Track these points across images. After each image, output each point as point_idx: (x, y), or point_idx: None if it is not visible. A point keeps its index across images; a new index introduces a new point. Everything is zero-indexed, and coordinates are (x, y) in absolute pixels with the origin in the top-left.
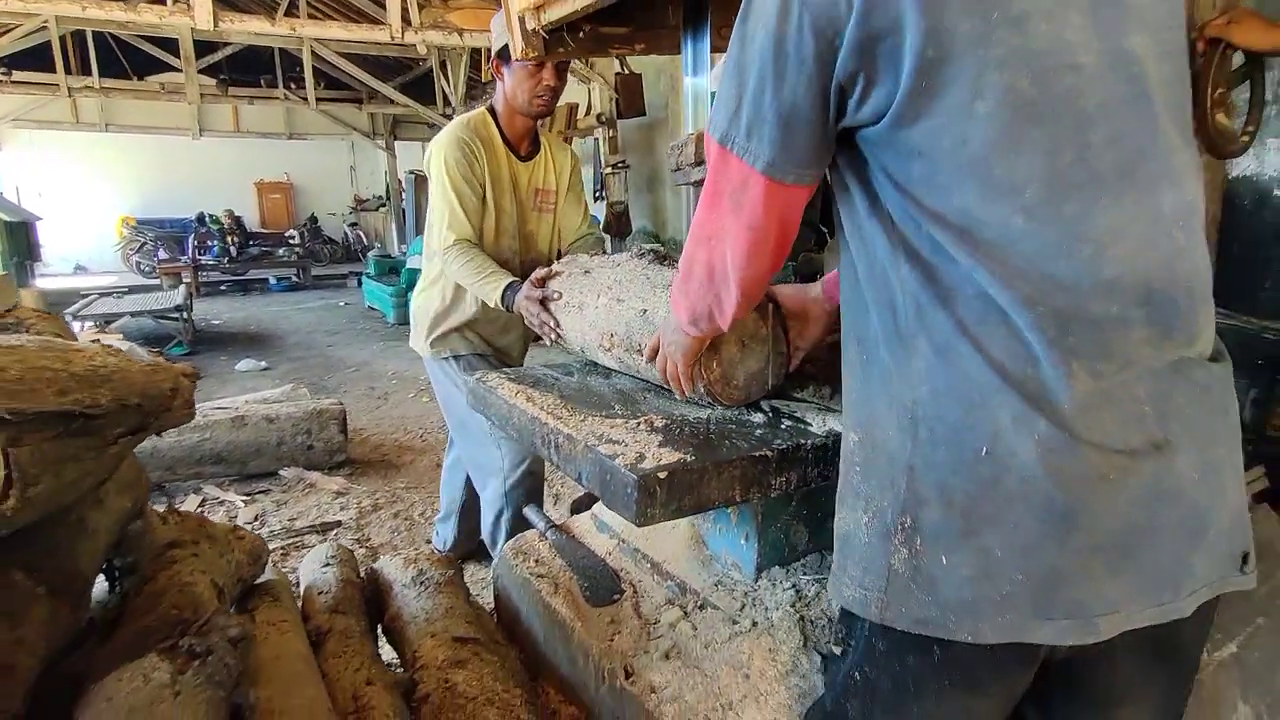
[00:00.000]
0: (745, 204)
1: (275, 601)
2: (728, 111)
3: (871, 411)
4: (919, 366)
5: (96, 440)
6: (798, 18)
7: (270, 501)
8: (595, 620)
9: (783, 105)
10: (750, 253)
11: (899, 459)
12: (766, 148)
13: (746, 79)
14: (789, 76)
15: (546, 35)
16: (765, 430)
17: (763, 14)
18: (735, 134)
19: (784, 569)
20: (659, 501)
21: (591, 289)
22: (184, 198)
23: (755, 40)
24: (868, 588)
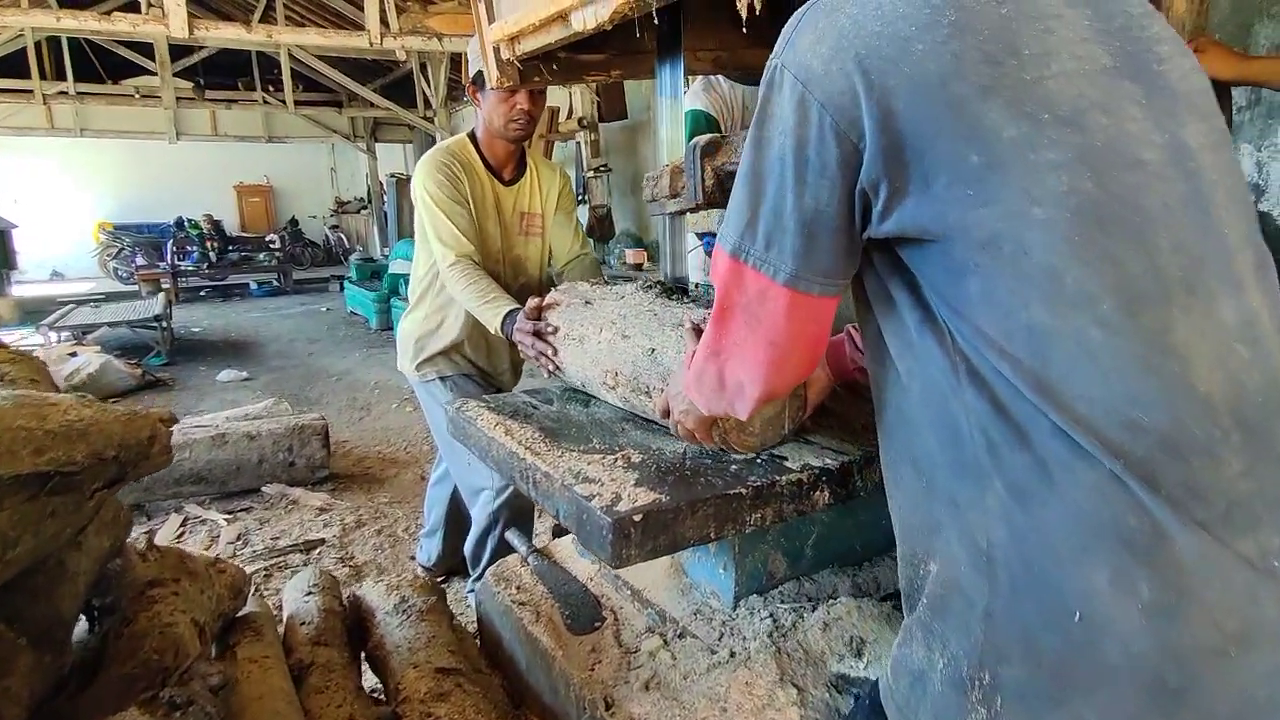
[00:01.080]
0: (764, 317)
1: (257, 636)
2: (740, 222)
3: (939, 541)
4: (993, 505)
5: (75, 496)
6: (817, 121)
7: (253, 520)
8: (576, 649)
9: (804, 212)
10: (771, 368)
11: (976, 602)
12: (789, 259)
13: (763, 187)
14: (810, 181)
15: (521, 65)
16: (740, 466)
17: (779, 118)
18: (750, 246)
19: (761, 597)
20: (634, 543)
21: (593, 322)
22: (162, 202)
23: (772, 145)
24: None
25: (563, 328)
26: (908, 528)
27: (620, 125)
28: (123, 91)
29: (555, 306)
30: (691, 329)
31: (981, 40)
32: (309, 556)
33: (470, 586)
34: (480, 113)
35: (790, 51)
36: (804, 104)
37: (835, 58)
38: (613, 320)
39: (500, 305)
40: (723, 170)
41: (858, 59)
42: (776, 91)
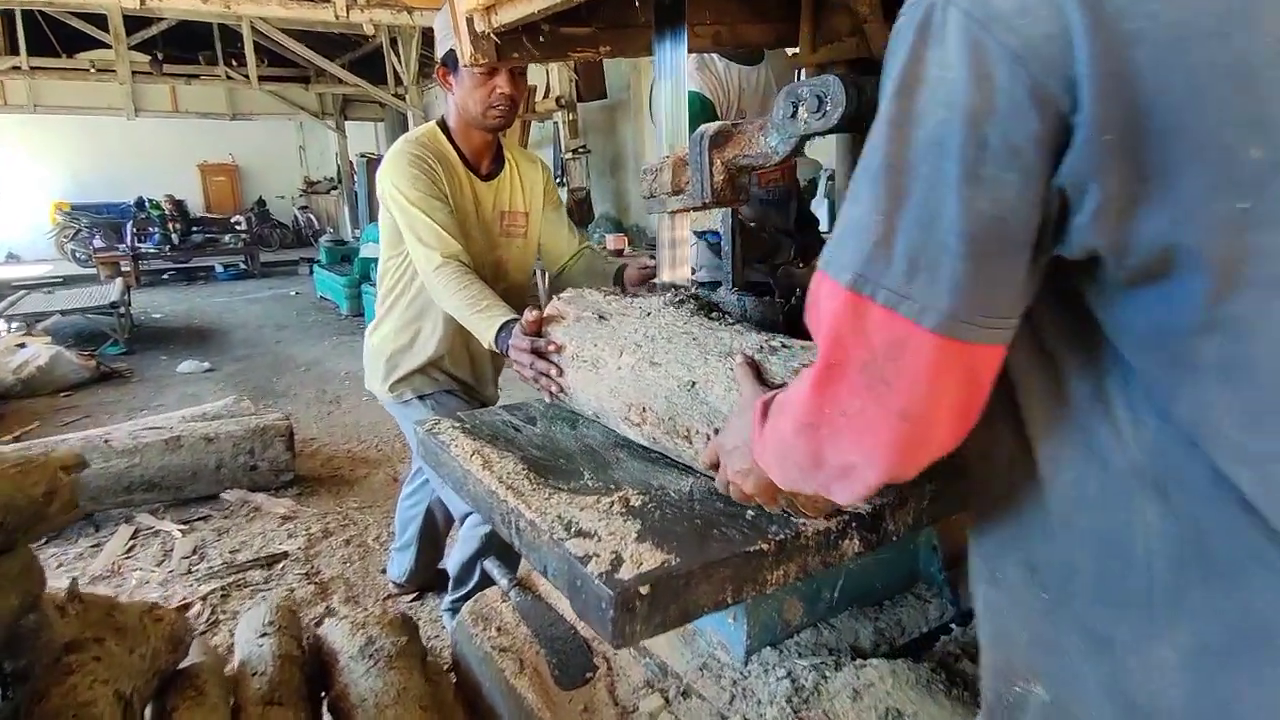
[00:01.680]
0: (900, 378)
1: (199, 696)
2: (865, 241)
3: (1056, 666)
4: (1169, 659)
5: None
6: (1007, 82)
7: (210, 530)
8: (566, 709)
9: (975, 222)
10: (903, 449)
11: None
12: (945, 292)
13: (906, 186)
14: (988, 175)
15: (499, 39)
16: (757, 513)
17: (941, 81)
18: (881, 275)
19: (776, 650)
20: (639, 618)
21: (610, 342)
22: (120, 181)
23: (925, 121)
24: None
25: (570, 346)
26: (1003, 634)
27: (600, 105)
28: (77, 66)
29: (561, 320)
30: (745, 365)
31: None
32: (270, 572)
33: (448, 604)
34: (452, 98)
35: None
36: (983, 56)
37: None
38: (637, 342)
39: (495, 315)
40: (734, 164)
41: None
42: (935, 42)
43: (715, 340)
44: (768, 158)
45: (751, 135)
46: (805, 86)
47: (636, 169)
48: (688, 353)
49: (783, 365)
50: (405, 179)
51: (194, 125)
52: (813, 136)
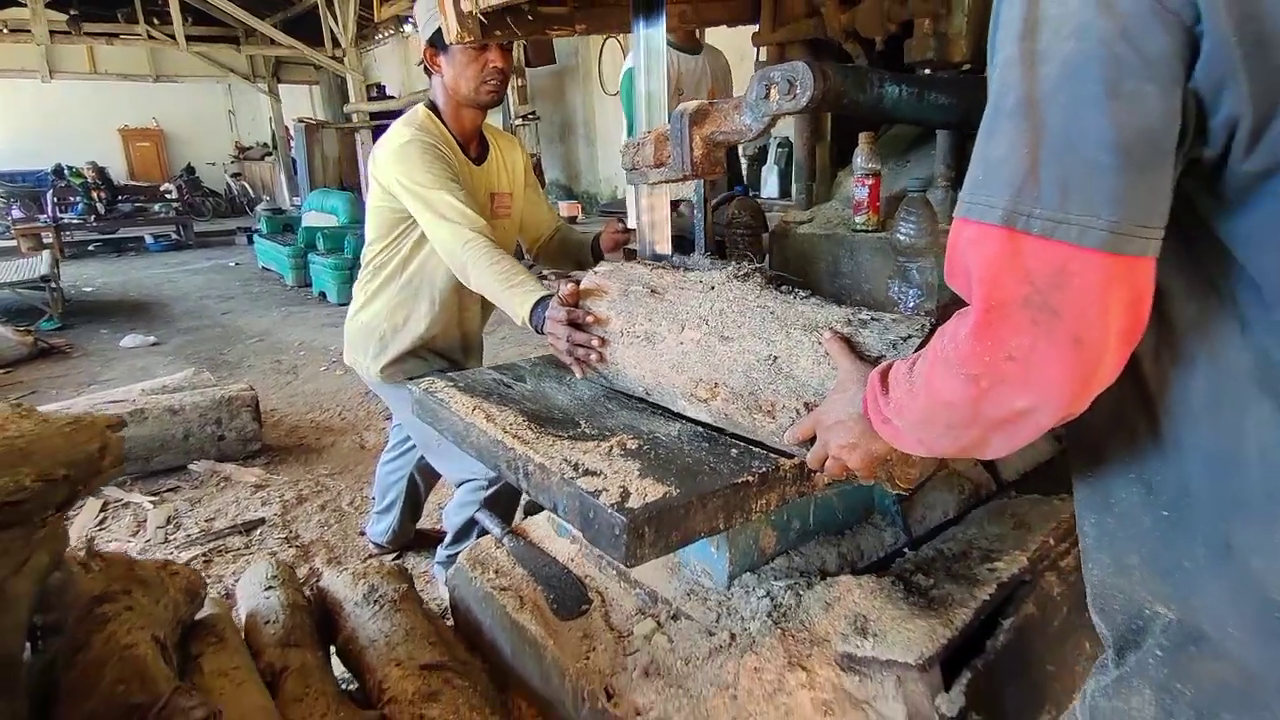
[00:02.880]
0: (1068, 305)
1: (220, 643)
2: (1013, 176)
3: (1183, 586)
4: None
5: (23, 528)
6: (1130, 3)
7: (182, 500)
8: (567, 636)
9: (1125, 134)
10: (1080, 379)
11: (1266, 677)
12: (1104, 204)
13: (1046, 116)
14: (1129, 88)
15: (484, 19)
16: (740, 451)
17: (1062, 16)
18: (1033, 206)
19: (755, 574)
20: (647, 542)
21: (668, 317)
22: (36, 148)
23: (1053, 56)
24: None
25: (618, 321)
26: (1120, 561)
27: (548, 71)
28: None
29: (603, 294)
30: (837, 340)
31: None
32: (250, 538)
33: (443, 558)
34: (440, 80)
35: None
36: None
37: None
38: (703, 316)
39: (530, 290)
40: (712, 140)
41: None
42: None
43: (795, 314)
44: (742, 134)
45: (727, 113)
46: (777, 71)
47: (586, 135)
48: (764, 326)
49: (878, 338)
50: (420, 167)
51: (113, 88)
52: (783, 115)
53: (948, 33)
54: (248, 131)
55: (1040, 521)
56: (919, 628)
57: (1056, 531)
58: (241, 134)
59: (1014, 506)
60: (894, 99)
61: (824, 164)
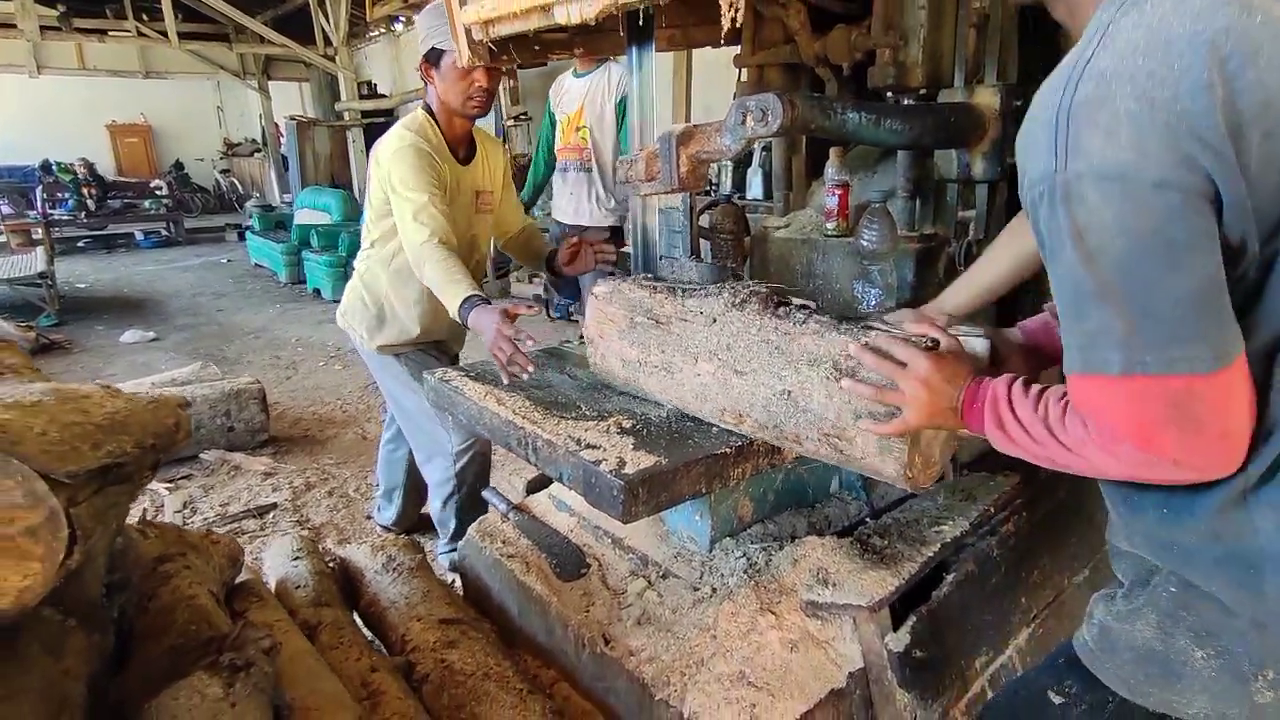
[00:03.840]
0: (1204, 415)
1: (261, 601)
2: (1114, 339)
3: (1183, 553)
4: (1264, 526)
5: (129, 486)
6: (1161, 202)
7: (196, 487)
8: (569, 594)
9: (1195, 286)
10: (1232, 458)
11: (1239, 614)
12: (1203, 343)
13: (1122, 293)
14: (1182, 263)
15: (493, 46)
16: (719, 429)
17: (1104, 223)
18: (1143, 355)
19: (734, 539)
20: (640, 501)
21: (679, 349)
22: (23, 143)
23: (1110, 251)
24: (1227, 709)
25: (632, 350)
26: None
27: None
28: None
29: (612, 323)
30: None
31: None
32: (264, 521)
33: (444, 549)
34: (434, 90)
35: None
36: (1134, 196)
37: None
38: (712, 350)
39: (464, 288)
40: (696, 158)
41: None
42: (1078, 206)
43: (799, 348)
44: (723, 154)
45: (710, 135)
46: (752, 100)
47: None
48: (773, 361)
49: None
50: (412, 171)
51: (102, 83)
52: (757, 139)
53: (905, 61)
54: (236, 128)
55: (984, 494)
56: (872, 578)
57: (998, 502)
58: (230, 130)
59: (963, 482)
60: (855, 124)
61: (799, 174)
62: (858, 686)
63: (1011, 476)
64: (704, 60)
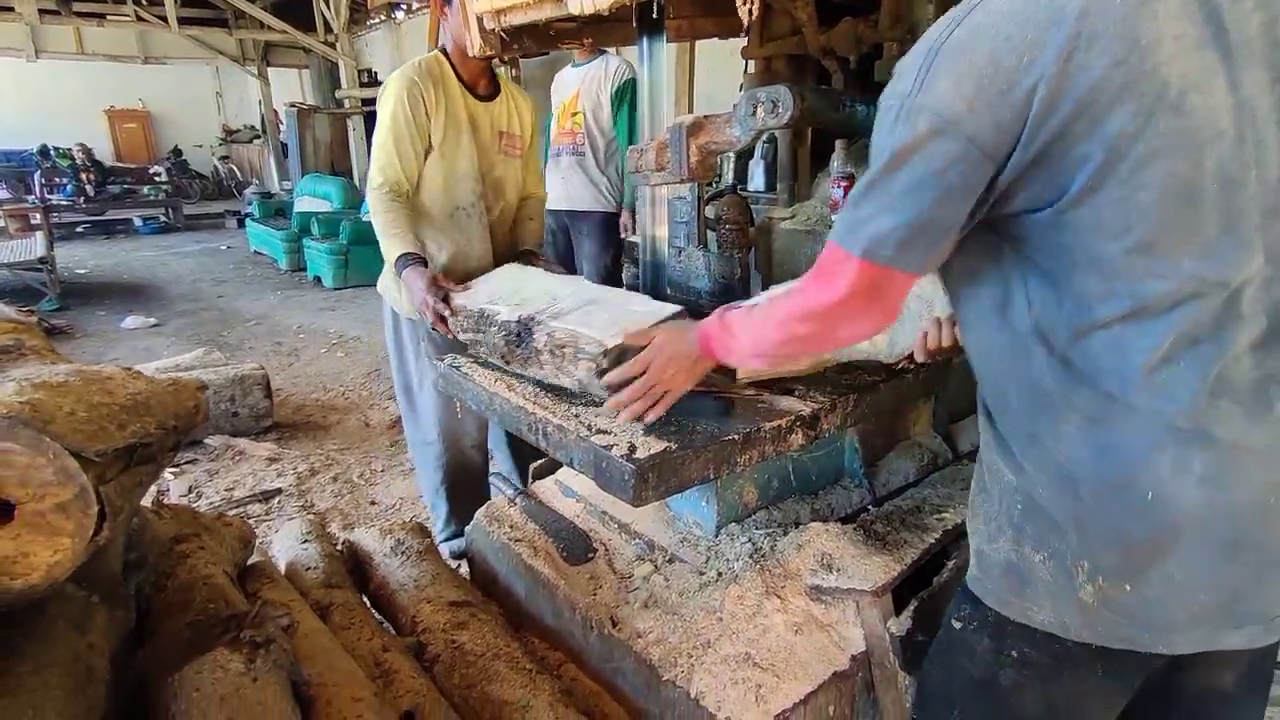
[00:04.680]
0: (890, 295)
1: (273, 582)
2: (872, 230)
3: (1020, 471)
4: (1069, 432)
5: (154, 466)
6: (962, 152)
7: (201, 472)
8: (575, 578)
9: (943, 224)
10: (886, 322)
11: (1062, 515)
12: (921, 258)
13: (896, 204)
14: (951, 202)
15: (504, 35)
16: (728, 415)
17: (917, 150)
18: (883, 250)
19: (739, 525)
20: (650, 485)
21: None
22: (21, 127)
23: (908, 172)
24: (1063, 614)
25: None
26: (993, 457)
27: (539, 61)
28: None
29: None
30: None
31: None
32: (269, 506)
33: (443, 536)
34: (447, 28)
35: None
36: (944, 140)
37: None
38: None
39: (400, 243)
40: (706, 149)
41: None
42: (906, 127)
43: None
44: (732, 145)
45: (719, 126)
46: (763, 92)
47: None
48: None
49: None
50: (395, 102)
51: (100, 68)
52: (767, 130)
53: None
54: (235, 114)
55: None
56: (875, 563)
57: None
58: (229, 116)
59: (964, 471)
60: (862, 117)
61: (804, 166)
62: (860, 669)
63: None
64: (706, 50)
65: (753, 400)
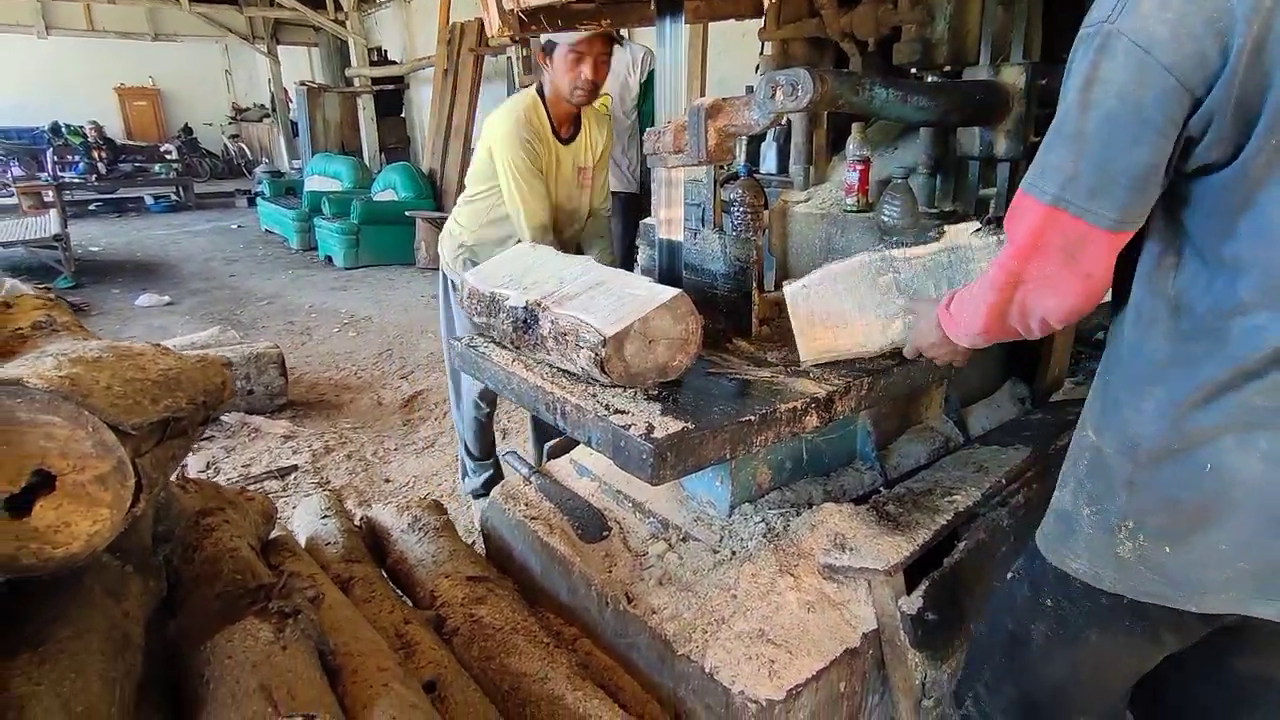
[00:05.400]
0: (1084, 258)
1: (295, 556)
2: (1061, 176)
3: (1099, 431)
4: (1148, 409)
5: (185, 440)
6: (1161, 83)
7: (218, 448)
8: (591, 555)
9: (1137, 168)
10: (1085, 298)
11: (1119, 475)
12: (1115, 209)
13: (1088, 145)
14: (1146, 141)
15: (523, 16)
16: (744, 395)
17: (1113, 81)
18: (1073, 197)
19: (753, 505)
20: (668, 464)
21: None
22: (32, 105)
23: (1101, 106)
24: (1099, 566)
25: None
26: (1089, 406)
27: None
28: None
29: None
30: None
31: None
32: (285, 482)
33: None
34: (546, 75)
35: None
36: (1145, 70)
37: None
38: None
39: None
40: (724, 131)
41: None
42: (1109, 56)
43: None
44: (751, 128)
45: (738, 109)
46: (782, 75)
47: None
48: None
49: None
50: (512, 156)
51: (110, 45)
52: (786, 114)
53: (931, 39)
54: (245, 92)
55: (996, 467)
56: (887, 544)
57: (1008, 474)
58: (239, 95)
59: (976, 455)
60: (882, 100)
61: (820, 149)
62: (871, 646)
63: (1022, 450)
64: (718, 32)
65: (769, 382)
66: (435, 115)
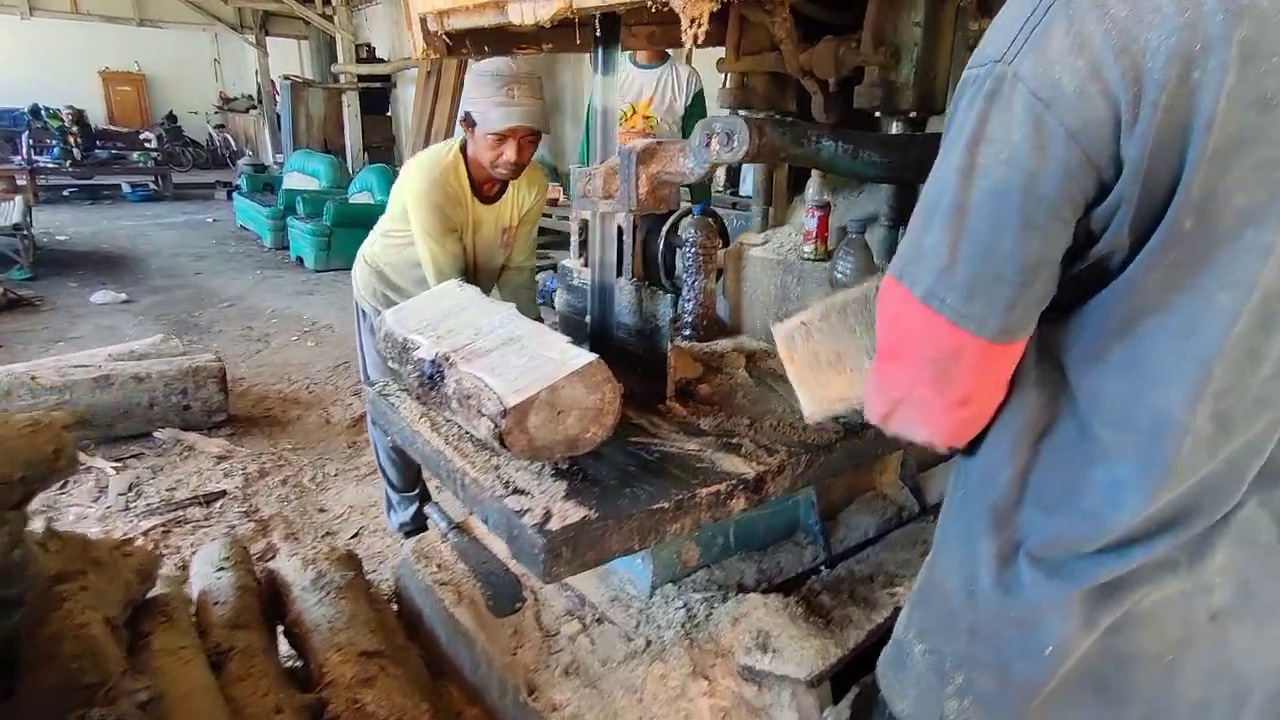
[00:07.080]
0: (957, 376)
1: (169, 622)
2: (935, 265)
3: (944, 554)
4: (985, 557)
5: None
6: (1063, 152)
7: (145, 468)
8: (498, 631)
9: (1029, 259)
10: (961, 429)
11: (961, 617)
12: (999, 312)
13: (969, 224)
14: (1040, 225)
15: (449, 39)
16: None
17: (1005, 144)
18: (946, 295)
19: (676, 585)
20: (564, 561)
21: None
22: (13, 86)
23: (989, 175)
24: (922, 715)
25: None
26: (941, 524)
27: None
28: None
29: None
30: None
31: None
32: (210, 510)
33: (394, 523)
34: (472, 143)
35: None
36: (1043, 130)
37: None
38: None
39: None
40: (657, 179)
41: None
42: (1000, 110)
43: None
44: (685, 176)
45: (673, 155)
46: (718, 123)
47: (574, 116)
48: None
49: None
50: (427, 217)
51: (95, 29)
52: (721, 164)
53: (896, 81)
54: (232, 82)
55: None
56: (814, 646)
57: None
58: (227, 84)
59: (927, 531)
60: (830, 154)
61: (780, 189)
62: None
63: None
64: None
65: (695, 457)
66: (417, 118)
